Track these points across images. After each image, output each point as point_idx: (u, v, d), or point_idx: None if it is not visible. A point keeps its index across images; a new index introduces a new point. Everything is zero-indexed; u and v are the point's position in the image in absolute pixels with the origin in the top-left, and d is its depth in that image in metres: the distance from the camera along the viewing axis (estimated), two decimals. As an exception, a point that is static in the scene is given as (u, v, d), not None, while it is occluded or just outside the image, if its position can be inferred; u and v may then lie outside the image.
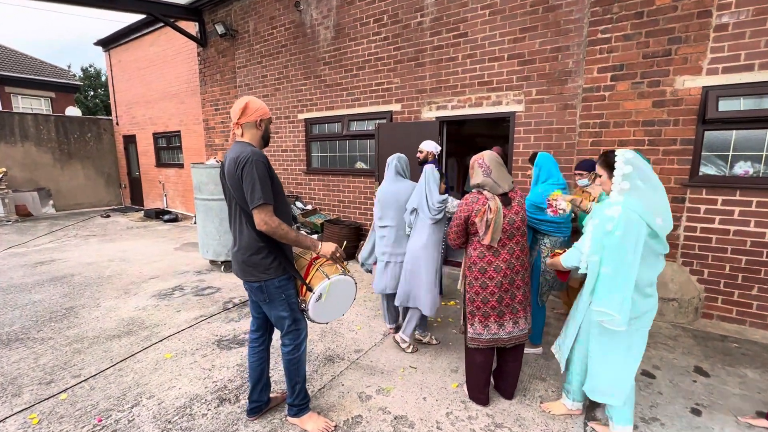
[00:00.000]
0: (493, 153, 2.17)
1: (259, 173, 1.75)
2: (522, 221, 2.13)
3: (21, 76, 16.22)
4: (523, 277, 2.18)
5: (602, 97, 3.80)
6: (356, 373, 2.71)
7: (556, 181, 2.66)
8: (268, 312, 2.02)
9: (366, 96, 5.60)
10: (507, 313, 2.18)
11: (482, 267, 2.14)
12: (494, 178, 2.11)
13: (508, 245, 2.11)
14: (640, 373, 2.71)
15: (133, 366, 2.79)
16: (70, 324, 3.49)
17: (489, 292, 2.15)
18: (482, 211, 2.07)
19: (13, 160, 9.76)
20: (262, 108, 1.91)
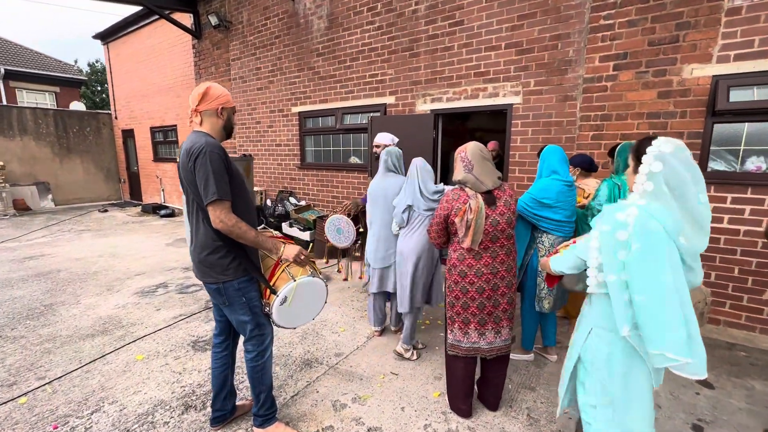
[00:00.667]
0: (476, 145, 1.96)
1: (214, 166, 1.60)
2: (507, 223, 1.93)
3: (25, 70, 16.25)
4: (508, 284, 1.99)
5: (604, 87, 3.58)
6: (333, 379, 2.56)
7: (563, 177, 2.46)
8: (229, 316, 1.88)
9: (360, 88, 5.42)
10: (489, 321, 2.01)
11: (462, 270, 1.97)
12: (476, 174, 1.92)
13: (491, 248, 1.94)
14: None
15: (101, 368, 2.67)
16: (46, 322, 3.39)
17: (469, 298, 1.98)
18: (462, 211, 1.89)
19: (12, 154, 9.75)
20: (224, 95, 1.76)
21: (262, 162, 7.15)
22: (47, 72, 17.17)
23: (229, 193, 1.64)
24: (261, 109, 6.90)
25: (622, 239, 1.27)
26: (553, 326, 2.76)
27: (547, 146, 2.53)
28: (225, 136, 1.81)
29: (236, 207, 1.72)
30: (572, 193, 2.46)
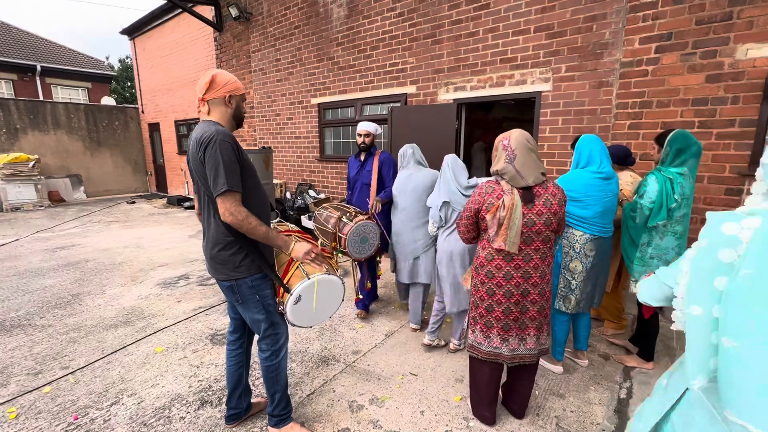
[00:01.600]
0: (522, 134, 1.76)
1: (224, 156, 1.52)
2: (545, 225, 1.74)
3: (60, 67, 16.92)
4: (541, 291, 1.83)
5: (644, 72, 3.30)
6: (351, 378, 2.48)
7: (598, 169, 2.25)
8: (242, 313, 1.81)
9: (380, 78, 5.27)
10: (513, 327, 1.86)
11: (490, 271, 1.83)
12: (518, 166, 1.71)
13: (524, 251, 1.77)
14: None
15: (122, 359, 2.69)
16: (73, 311, 3.47)
17: (495, 301, 1.83)
18: (495, 206, 1.73)
19: (47, 148, 10.16)
20: (232, 82, 1.67)
21: (281, 155, 7.14)
22: (80, 68, 17.84)
23: (239, 184, 1.56)
24: (281, 101, 6.87)
25: (725, 260, 0.89)
26: (586, 329, 2.56)
27: (583, 136, 2.32)
28: (235, 125, 1.73)
29: (248, 200, 1.65)
30: (608, 188, 2.24)
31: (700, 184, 3.14)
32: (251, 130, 7.67)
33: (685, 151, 2.21)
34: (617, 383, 2.43)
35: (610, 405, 2.23)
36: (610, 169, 2.23)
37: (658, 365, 2.60)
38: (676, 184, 2.19)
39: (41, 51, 17.08)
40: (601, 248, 2.31)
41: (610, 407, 2.21)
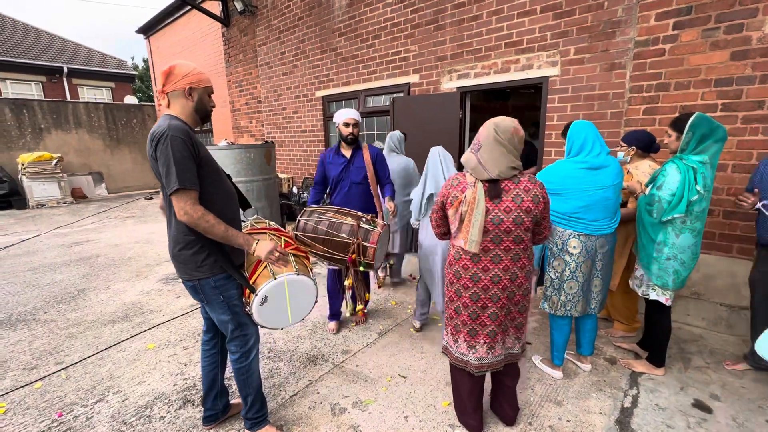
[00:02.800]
0: (496, 124, 1.58)
1: (176, 152, 1.44)
2: (515, 223, 1.57)
3: (85, 68, 17.54)
4: (510, 295, 1.67)
5: (661, 51, 3.02)
6: (337, 378, 2.40)
7: (585, 158, 2.06)
8: (210, 314, 1.75)
9: (382, 68, 5.11)
10: (480, 333, 1.71)
11: (458, 271, 1.69)
12: (480, 157, 1.57)
13: (492, 251, 1.61)
14: (690, 404, 2.12)
15: (114, 356, 2.71)
16: (76, 306, 3.54)
17: (462, 304, 1.70)
18: (458, 201, 1.60)
19: (69, 146, 10.54)
20: (192, 73, 1.57)
21: (288, 149, 7.11)
22: (104, 69, 18.44)
23: (195, 182, 1.48)
24: (286, 95, 6.81)
25: None
26: (590, 332, 2.37)
27: (574, 122, 2.12)
28: (198, 119, 1.64)
29: (209, 198, 1.57)
30: (595, 179, 2.01)
31: (723, 173, 2.86)
32: (259, 125, 7.68)
33: (709, 136, 1.97)
34: (622, 390, 2.25)
35: (612, 414, 2.06)
36: (602, 159, 2.02)
37: (669, 371, 2.40)
38: (699, 174, 1.96)
39: (68, 53, 17.73)
40: (589, 247, 2.11)
41: (612, 417, 2.04)
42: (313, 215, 2.45)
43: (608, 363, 2.52)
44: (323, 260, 2.47)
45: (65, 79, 16.82)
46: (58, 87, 16.97)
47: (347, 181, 2.80)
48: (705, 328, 2.92)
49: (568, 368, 2.45)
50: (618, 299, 2.78)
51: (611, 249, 2.19)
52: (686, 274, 2.13)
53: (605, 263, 2.18)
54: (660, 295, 2.19)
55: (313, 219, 2.42)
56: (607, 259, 2.18)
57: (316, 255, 2.41)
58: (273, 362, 2.60)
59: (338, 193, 2.83)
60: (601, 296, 2.24)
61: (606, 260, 2.18)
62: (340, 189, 2.82)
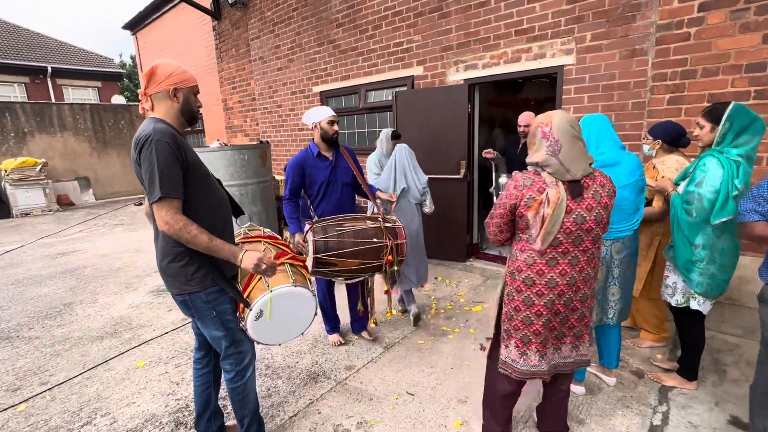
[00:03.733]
0: (565, 118, 1.56)
1: (160, 158, 1.44)
2: (596, 222, 1.57)
3: (70, 67, 17.77)
4: (583, 297, 1.66)
5: (686, 35, 2.98)
6: (340, 397, 2.39)
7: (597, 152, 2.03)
8: (202, 330, 1.75)
9: (384, 60, 5.11)
10: (551, 339, 1.70)
11: (529, 277, 1.64)
12: (563, 159, 1.53)
13: (571, 252, 1.59)
14: (726, 420, 2.08)
15: (102, 375, 2.72)
16: (62, 322, 3.57)
17: (534, 313, 1.66)
18: (538, 202, 1.54)
19: (55, 150, 10.66)
20: (177, 73, 1.58)
21: (285, 149, 7.13)
22: (90, 67, 18.67)
23: (179, 189, 1.48)
24: (282, 92, 6.84)
25: None
26: (615, 343, 2.33)
27: (584, 117, 2.10)
28: (185, 122, 1.64)
29: (196, 206, 1.57)
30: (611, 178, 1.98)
31: (757, 167, 2.81)
32: (253, 124, 7.71)
33: (748, 128, 1.91)
34: (651, 407, 2.21)
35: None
36: (611, 155, 1.99)
37: (703, 385, 2.35)
38: (741, 169, 1.91)
39: (52, 52, 17.98)
40: (604, 252, 2.07)
41: (640, 437, 2.00)
42: (329, 230, 2.35)
43: (635, 376, 2.47)
44: (345, 277, 2.49)
45: (49, 79, 17.04)
46: (42, 88, 17.19)
47: (338, 183, 2.73)
48: (741, 336, 2.86)
49: (590, 383, 2.41)
50: (644, 306, 2.73)
51: (630, 254, 2.14)
52: (727, 278, 2.08)
53: (623, 270, 2.13)
54: (701, 304, 2.13)
55: (333, 234, 2.33)
56: (626, 266, 2.13)
57: (343, 273, 2.40)
58: (271, 380, 2.59)
59: (328, 199, 2.72)
60: (620, 305, 2.19)
61: (624, 266, 2.13)
62: (330, 194, 2.72)
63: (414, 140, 4.60)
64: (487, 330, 3.09)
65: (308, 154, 2.71)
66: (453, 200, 4.52)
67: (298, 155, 2.70)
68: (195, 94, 1.66)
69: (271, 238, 2.02)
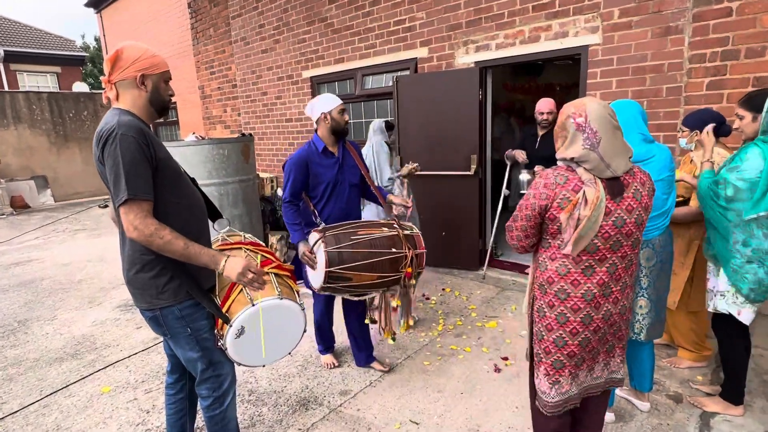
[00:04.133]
0: (602, 107, 1.54)
1: (126, 155, 1.44)
2: (636, 224, 1.57)
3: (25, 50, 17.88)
4: (622, 310, 1.66)
5: (727, 10, 3.00)
6: (334, 426, 2.40)
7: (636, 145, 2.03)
8: (175, 350, 1.75)
9: (383, 40, 5.14)
10: (587, 359, 1.68)
11: (563, 289, 1.62)
12: (603, 153, 1.51)
13: (609, 259, 1.58)
14: (778, 452, 2.08)
15: (61, 402, 2.73)
16: (16, 342, 3.58)
17: (569, 332, 1.64)
18: (573, 203, 1.52)
19: (8, 145, 10.72)
20: (145, 58, 1.57)
21: (270, 142, 7.16)
22: (48, 51, 18.77)
23: (148, 190, 1.49)
24: (267, 77, 6.87)
25: None
26: (648, 361, 2.33)
27: (615, 102, 2.11)
28: (154, 112, 1.66)
29: (169, 209, 1.58)
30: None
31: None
32: (234, 114, 7.75)
33: None
34: (690, 436, 2.21)
35: (678, 467, 2.02)
36: (641, 149, 2.00)
37: (749, 410, 2.35)
38: None
39: (4, 33, 18.09)
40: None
41: (678, 470, 2.00)
42: (342, 240, 2.34)
43: (672, 401, 2.48)
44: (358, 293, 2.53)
45: (2, 64, 17.14)
46: (-7, 74, 17.30)
47: (345, 184, 2.69)
48: (794, 354, 2.87)
49: (621, 408, 2.42)
50: (681, 320, 2.74)
51: (663, 261, 2.14)
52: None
53: (654, 279, 2.14)
54: (731, 304, 2.14)
55: (347, 244, 2.33)
56: (656, 274, 2.13)
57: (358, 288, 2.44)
58: (255, 407, 2.60)
59: (334, 202, 2.67)
60: (648, 320, 2.19)
61: (654, 276, 2.13)
62: (336, 196, 2.66)
63: (417, 132, 4.63)
64: (501, 349, 3.10)
65: (312, 149, 2.65)
66: (462, 200, 4.53)
67: (300, 150, 2.65)
68: (166, 81, 1.66)
69: (253, 245, 2.03)
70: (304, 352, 3.18)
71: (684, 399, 2.48)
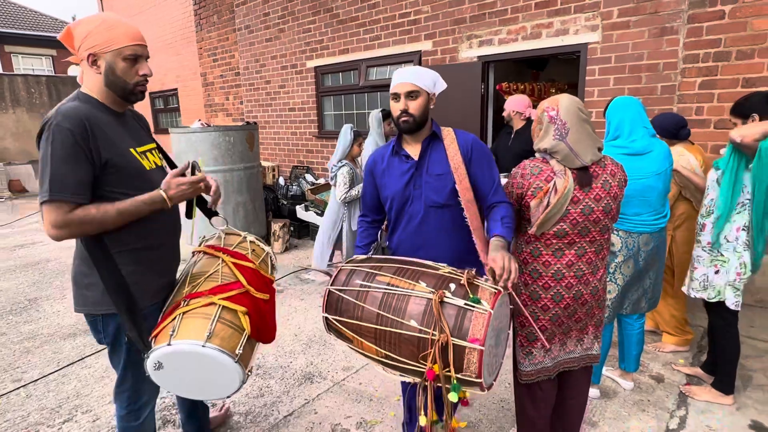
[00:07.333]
0: (572, 100, 1.75)
1: (56, 150, 1.34)
2: (605, 212, 1.77)
3: (21, 32, 17.88)
4: (593, 290, 1.87)
5: (719, 13, 3.19)
6: (338, 397, 2.61)
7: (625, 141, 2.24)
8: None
9: (388, 33, 5.32)
10: (557, 334, 1.91)
11: (535, 269, 1.86)
12: (571, 143, 1.71)
13: (577, 243, 1.79)
14: (747, 425, 2.31)
15: (78, 372, 2.94)
16: (29, 318, 3.78)
17: (540, 307, 1.86)
18: (544, 191, 1.73)
19: (6, 129, 10.86)
20: (96, 32, 1.41)
21: (273, 131, 7.33)
22: (42, 32, 18.77)
23: (78, 190, 1.38)
24: (271, 66, 7.03)
25: None
26: (637, 344, 2.56)
27: (614, 99, 2.30)
28: (117, 97, 1.52)
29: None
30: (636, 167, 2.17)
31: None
32: (237, 102, 7.91)
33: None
34: (668, 411, 2.44)
35: (655, 437, 2.25)
36: (644, 142, 2.20)
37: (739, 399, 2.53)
38: None
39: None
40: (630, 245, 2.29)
41: (655, 440, 2.24)
42: (355, 279, 1.65)
43: (654, 381, 2.70)
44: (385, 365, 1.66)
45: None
46: (-13, 56, 17.33)
47: (420, 203, 1.82)
48: (772, 342, 3.11)
49: (606, 387, 2.64)
50: (662, 306, 2.95)
51: (658, 246, 2.35)
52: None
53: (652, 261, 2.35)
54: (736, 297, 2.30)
55: (355, 288, 1.62)
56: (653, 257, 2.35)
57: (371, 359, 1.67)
58: (263, 380, 2.81)
59: (404, 229, 1.89)
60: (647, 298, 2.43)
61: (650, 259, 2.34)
62: (407, 221, 1.86)
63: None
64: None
65: (383, 148, 1.99)
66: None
67: (376, 150, 2.01)
68: (129, 59, 1.46)
69: (234, 255, 1.72)
70: (308, 332, 3.39)
71: (664, 379, 2.71)
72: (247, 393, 2.68)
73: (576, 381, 2.07)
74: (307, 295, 4.13)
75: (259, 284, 1.69)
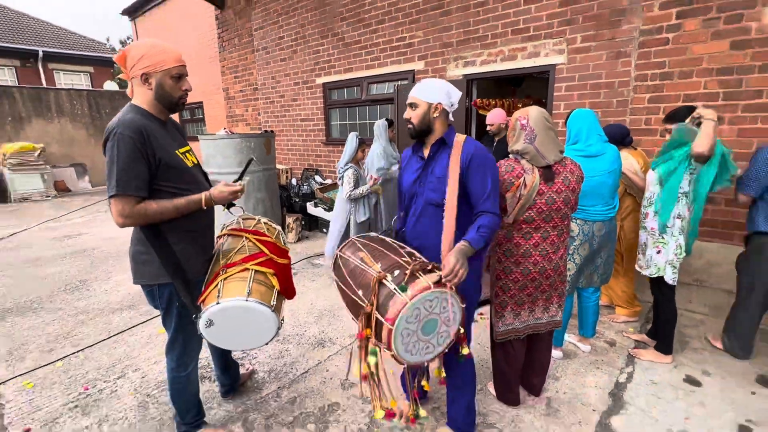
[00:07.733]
0: (540, 111, 1.94)
1: (121, 153, 1.47)
2: (564, 203, 1.95)
3: (62, 51, 17.86)
4: (555, 267, 2.04)
5: (665, 40, 3.35)
6: (345, 359, 2.75)
7: (582, 146, 2.40)
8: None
9: (386, 54, 5.45)
10: (526, 302, 2.08)
11: (509, 249, 2.03)
12: (538, 146, 1.90)
13: (542, 228, 1.97)
14: (681, 379, 2.48)
15: (127, 339, 3.07)
16: (81, 296, 3.91)
17: (512, 279, 2.04)
18: (515, 186, 1.91)
19: (51, 137, 10.90)
20: (149, 55, 1.53)
21: (286, 138, 7.46)
22: (81, 52, 18.76)
23: (142, 187, 1.52)
24: (285, 82, 7.15)
25: None
26: (593, 314, 2.72)
27: (574, 111, 2.46)
28: (165, 109, 1.66)
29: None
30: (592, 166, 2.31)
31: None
32: (255, 114, 8.02)
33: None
34: (618, 368, 2.60)
35: (606, 388, 2.41)
36: (598, 147, 2.36)
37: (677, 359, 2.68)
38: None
39: (42, 35, 18.04)
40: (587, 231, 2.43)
41: (606, 390, 2.39)
42: (347, 251, 1.83)
43: (608, 345, 2.87)
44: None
45: (41, 63, 17.15)
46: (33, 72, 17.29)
47: (420, 198, 1.84)
48: (706, 314, 3.27)
49: (568, 350, 2.80)
50: (613, 283, 3.12)
51: (609, 232, 2.51)
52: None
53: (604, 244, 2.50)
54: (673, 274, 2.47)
55: (345, 256, 1.81)
56: (606, 240, 2.49)
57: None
58: (282, 345, 2.96)
59: (409, 219, 1.91)
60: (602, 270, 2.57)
61: (603, 242, 2.49)
62: (412, 213, 1.89)
63: (414, 132, 4.96)
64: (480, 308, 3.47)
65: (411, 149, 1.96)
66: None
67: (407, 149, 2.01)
68: (175, 77, 1.59)
69: (255, 234, 1.87)
70: (320, 306, 3.54)
71: (616, 343, 2.87)
72: (270, 355, 2.83)
73: (542, 342, 2.24)
74: (318, 276, 4.27)
75: (279, 252, 1.84)
